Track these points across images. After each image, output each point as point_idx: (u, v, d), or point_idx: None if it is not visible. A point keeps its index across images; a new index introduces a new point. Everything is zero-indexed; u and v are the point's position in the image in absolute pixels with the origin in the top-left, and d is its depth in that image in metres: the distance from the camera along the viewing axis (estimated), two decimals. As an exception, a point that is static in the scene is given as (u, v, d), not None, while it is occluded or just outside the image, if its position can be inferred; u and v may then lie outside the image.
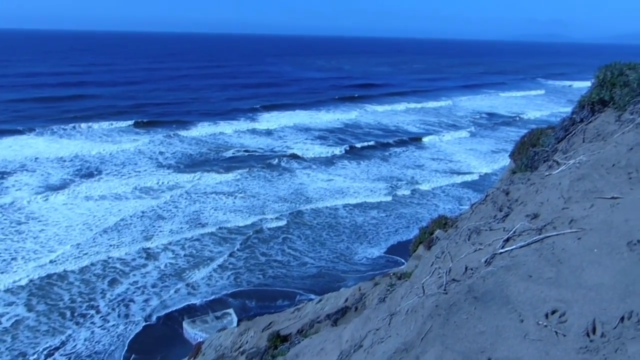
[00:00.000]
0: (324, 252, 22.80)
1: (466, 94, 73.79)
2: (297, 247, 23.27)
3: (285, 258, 22.23)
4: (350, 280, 20.43)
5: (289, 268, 21.43)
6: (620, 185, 3.51)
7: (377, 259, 22.46)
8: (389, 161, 36.33)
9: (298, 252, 22.82)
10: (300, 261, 21.98)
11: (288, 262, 21.93)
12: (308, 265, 21.71)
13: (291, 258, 22.23)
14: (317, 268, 21.55)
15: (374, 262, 22.21)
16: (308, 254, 22.64)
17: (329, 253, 22.77)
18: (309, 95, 65.87)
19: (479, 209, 4.99)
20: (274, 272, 21.03)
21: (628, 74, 5.81)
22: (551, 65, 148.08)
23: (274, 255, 22.44)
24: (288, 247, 23.17)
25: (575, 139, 5.99)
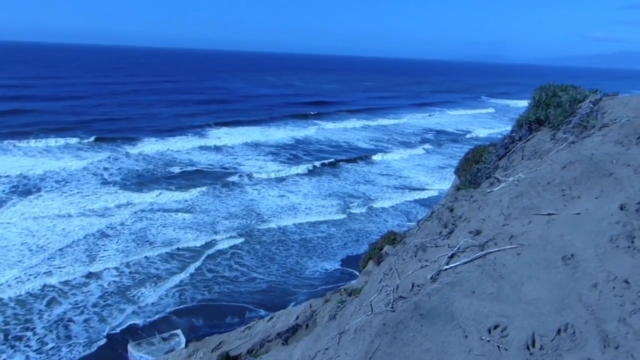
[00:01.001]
0: (273, 267, 22.63)
1: (416, 111, 75.86)
2: (245, 262, 22.97)
3: (233, 274, 21.87)
4: (301, 295, 20.32)
5: (237, 284, 21.09)
6: (555, 202, 3.67)
7: (328, 273, 22.48)
8: (339, 177, 36.67)
9: (246, 267, 22.53)
10: (248, 277, 21.71)
11: (236, 277, 21.59)
12: (257, 281, 21.45)
13: (239, 273, 21.91)
14: (266, 283, 21.32)
15: (326, 275, 22.22)
16: (257, 269, 22.39)
17: (279, 268, 22.61)
18: (260, 111, 65.70)
19: (425, 226, 5.09)
20: (220, 289, 20.63)
21: (560, 95, 6.16)
22: (496, 85, 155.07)
23: (222, 271, 22.05)
24: (236, 263, 22.84)
25: (515, 157, 6.25)
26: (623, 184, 3.68)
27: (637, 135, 4.35)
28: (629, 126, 4.54)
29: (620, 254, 3.12)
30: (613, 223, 3.32)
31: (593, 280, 3.00)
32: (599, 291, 2.93)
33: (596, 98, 5.95)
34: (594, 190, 3.69)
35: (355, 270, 20.82)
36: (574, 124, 5.48)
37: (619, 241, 3.19)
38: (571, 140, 5.18)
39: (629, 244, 3.17)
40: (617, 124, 4.70)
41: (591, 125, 5.19)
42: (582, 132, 5.26)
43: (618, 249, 3.14)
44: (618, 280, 2.96)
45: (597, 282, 2.98)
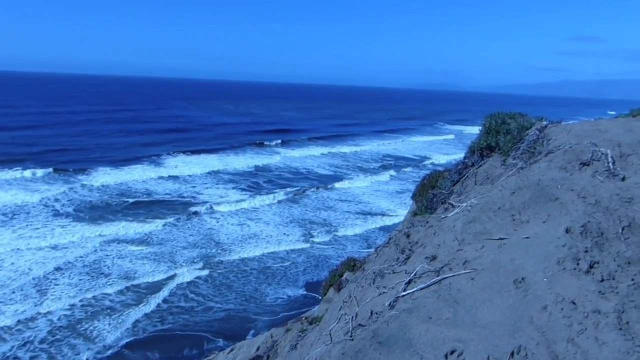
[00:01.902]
0: (231, 296, 22.16)
1: (375, 138, 77.18)
2: (202, 291, 22.40)
3: (189, 304, 21.25)
4: (261, 322, 19.92)
5: (193, 313, 20.51)
6: (506, 227, 3.79)
7: (291, 299, 22.17)
8: (301, 204, 36.60)
9: (202, 296, 21.95)
10: (205, 306, 21.15)
11: (192, 307, 20.98)
12: (214, 310, 20.92)
13: (195, 303, 21.29)
14: (224, 312, 20.83)
15: (289, 302, 21.89)
16: (214, 298, 21.85)
17: (237, 296, 22.17)
18: (219, 140, 65.17)
19: (383, 252, 5.13)
20: (175, 319, 19.97)
21: (509, 123, 6.43)
22: (451, 112, 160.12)
23: (177, 301, 21.39)
24: (192, 292, 22.23)
25: (468, 182, 6.44)
26: (568, 208, 3.85)
27: (579, 161, 4.59)
28: (571, 152, 4.77)
29: (567, 275, 3.24)
30: (560, 246, 3.45)
31: (543, 303, 3.09)
32: (549, 313, 3.02)
33: (542, 125, 6.25)
34: (541, 214, 3.84)
35: (318, 295, 20.72)
36: (522, 150, 5.71)
37: (566, 263, 3.31)
38: (520, 166, 5.39)
39: (575, 265, 3.30)
40: (561, 150, 4.94)
41: (538, 151, 5.43)
42: (530, 158, 5.49)
43: (565, 271, 3.26)
44: (566, 302, 3.07)
45: (546, 304, 3.07)
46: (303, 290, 23.14)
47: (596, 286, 3.13)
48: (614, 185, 4.18)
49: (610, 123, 5.74)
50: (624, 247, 3.50)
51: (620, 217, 3.75)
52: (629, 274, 3.26)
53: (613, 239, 3.58)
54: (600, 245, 3.50)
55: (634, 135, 4.98)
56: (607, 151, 4.65)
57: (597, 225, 3.66)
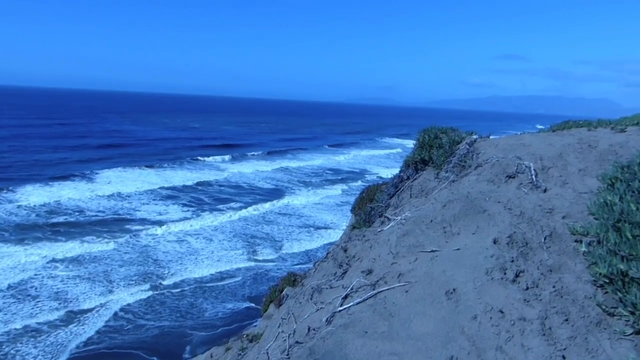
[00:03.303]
0: (165, 312, 21.46)
1: (319, 152, 77.74)
2: (133, 309, 21.52)
3: (119, 323, 20.34)
4: (197, 338, 19.41)
5: (123, 332, 19.64)
6: (438, 239, 3.90)
7: (234, 312, 21.77)
8: (243, 219, 36.09)
9: (132, 314, 21.08)
10: (136, 323, 20.33)
11: (122, 326, 20.09)
12: (147, 327, 20.15)
13: (124, 322, 20.43)
14: (157, 329, 20.10)
15: (230, 315, 21.47)
16: (145, 316, 21.05)
17: (171, 312, 21.49)
18: (157, 155, 63.21)
19: (321, 267, 5.13)
20: (105, 338, 19.04)
21: (441, 137, 6.66)
22: (391, 126, 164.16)
23: (108, 320, 20.44)
24: (123, 311, 21.32)
25: (404, 195, 6.59)
26: (495, 219, 4.01)
27: (505, 174, 4.81)
28: (498, 166, 5.00)
29: (495, 285, 3.35)
30: (488, 257, 3.58)
31: (473, 313, 3.18)
32: (479, 322, 3.11)
33: (472, 140, 6.52)
34: (470, 226, 3.98)
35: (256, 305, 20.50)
36: (454, 163, 5.92)
37: (494, 273, 3.44)
38: (452, 179, 5.58)
39: (502, 275, 3.43)
40: (489, 163, 5.16)
41: (468, 165, 5.65)
42: (461, 171, 5.70)
43: (493, 281, 3.38)
44: (494, 311, 3.17)
45: (476, 314, 3.16)
46: (247, 302, 22.80)
47: (521, 294, 3.26)
48: (537, 196, 4.41)
49: (532, 137, 6.08)
50: (546, 255, 3.68)
51: (543, 227, 3.95)
52: (551, 281, 3.42)
53: (536, 248, 3.76)
54: (525, 254, 3.67)
55: (554, 149, 5.30)
56: (530, 164, 4.91)
57: (522, 235, 3.84)
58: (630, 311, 3.03)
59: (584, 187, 4.64)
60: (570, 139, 5.67)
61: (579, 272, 3.52)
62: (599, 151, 5.19)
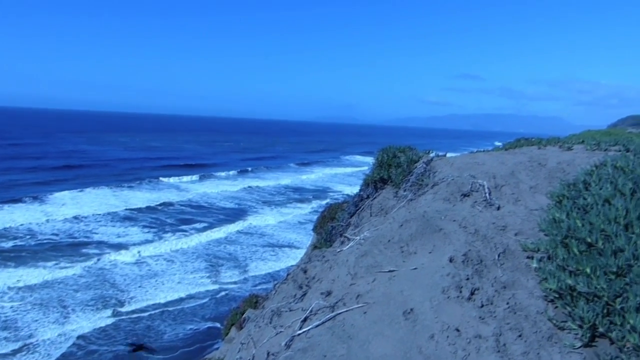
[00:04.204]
0: (120, 337, 20.74)
1: (281, 171, 77.56)
2: (86, 334, 20.73)
3: (69, 350, 19.51)
4: (152, 360, 18.90)
5: (71, 358, 18.88)
6: (395, 259, 3.93)
7: (195, 332, 21.25)
8: (205, 239, 35.44)
9: (83, 339, 20.28)
10: (87, 349, 19.57)
11: (71, 353, 19.28)
12: (100, 352, 19.41)
13: (75, 348, 19.60)
14: (111, 353, 19.39)
15: (191, 335, 20.93)
16: (97, 341, 20.29)
17: (126, 336, 20.79)
18: (115, 175, 61.48)
19: (282, 289, 5.08)
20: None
21: (399, 156, 6.78)
22: (357, 144, 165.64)
23: (59, 346, 19.60)
24: (75, 336, 20.50)
25: (364, 214, 6.64)
26: (451, 238, 4.08)
27: (460, 193, 4.92)
28: (454, 184, 5.12)
29: (452, 303, 3.40)
30: (444, 275, 3.63)
31: (430, 332, 3.21)
32: (436, 341, 3.14)
33: (428, 158, 6.66)
34: (427, 245, 4.03)
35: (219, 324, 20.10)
36: (412, 182, 6.02)
37: (450, 292, 3.48)
38: (410, 198, 5.66)
39: (458, 293, 3.48)
40: (445, 182, 5.28)
41: (425, 183, 5.75)
42: (419, 190, 5.80)
43: (449, 299, 3.43)
44: (451, 329, 3.21)
45: (433, 333, 3.19)
46: (209, 323, 22.31)
47: (477, 312, 3.32)
48: (491, 214, 4.53)
49: (486, 156, 6.26)
50: (500, 272, 3.76)
51: (497, 245, 4.05)
52: (505, 297, 3.50)
53: (491, 266, 3.84)
54: (480, 272, 3.74)
55: (506, 167, 5.47)
56: (484, 183, 5.04)
57: (476, 253, 3.92)
58: (578, 325, 3.13)
59: (535, 204, 4.79)
60: (522, 157, 5.87)
61: (531, 288, 3.61)
62: (548, 169, 5.39)
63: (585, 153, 5.85)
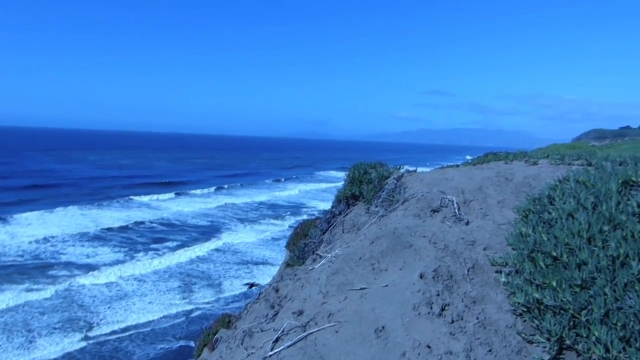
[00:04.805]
0: None
1: (255, 187, 77.09)
2: (51, 357, 20.03)
3: None
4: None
5: None
6: (367, 276, 3.93)
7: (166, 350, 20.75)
8: (177, 258, 34.83)
9: None
10: None
11: None
12: None
13: None
14: None
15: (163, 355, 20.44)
16: None
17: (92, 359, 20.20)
18: (86, 195, 60.02)
19: (253, 308, 5.01)
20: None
21: (370, 172, 6.83)
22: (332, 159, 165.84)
23: None
24: None
25: (337, 230, 6.63)
26: (421, 254, 4.11)
27: (430, 208, 4.98)
28: (423, 200, 5.18)
29: (422, 320, 3.41)
30: (415, 292, 3.64)
31: (402, 349, 3.20)
32: (407, 359, 3.13)
33: (399, 174, 6.73)
34: (398, 262, 4.05)
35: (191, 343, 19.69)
36: (383, 198, 6.06)
37: (421, 308, 3.50)
38: (381, 214, 5.70)
39: (429, 310, 3.49)
40: (415, 198, 5.34)
41: (396, 199, 5.80)
42: (390, 206, 5.84)
43: (420, 316, 3.44)
44: (422, 346, 3.21)
45: (405, 351, 3.19)
46: (181, 342, 21.85)
47: (447, 328, 3.33)
48: (460, 229, 4.59)
49: (455, 172, 6.37)
50: (470, 287, 3.80)
51: (466, 260, 4.09)
52: (475, 312, 3.53)
53: (461, 281, 3.88)
54: (450, 287, 3.77)
55: (474, 183, 5.57)
56: (453, 198, 5.12)
57: (446, 268, 3.96)
58: (546, 338, 3.18)
59: (502, 218, 4.88)
60: (489, 172, 5.99)
61: (500, 302, 3.66)
62: (515, 184, 5.51)
63: (550, 167, 6.00)
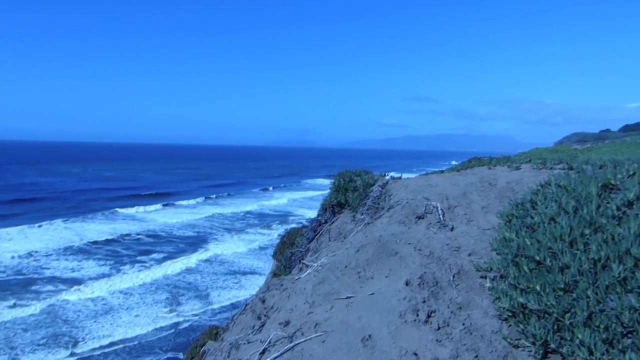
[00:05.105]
0: None
1: (242, 197, 76.72)
2: None
3: None
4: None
5: None
6: (353, 285, 3.92)
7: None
8: (165, 270, 34.45)
9: None
10: None
11: None
12: None
13: None
14: None
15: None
16: None
17: None
18: (70, 208, 59.22)
19: (240, 320, 4.97)
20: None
21: (355, 180, 6.84)
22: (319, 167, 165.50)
23: None
24: None
25: (323, 239, 6.63)
26: (407, 261, 4.12)
27: (415, 215, 5.00)
28: (408, 207, 5.20)
29: (409, 328, 3.41)
30: (401, 299, 3.64)
31: (389, 358, 3.19)
32: (394, 367, 3.13)
33: (384, 182, 6.75)
34: (383, 269, 4.06)
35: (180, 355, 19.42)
36: (368, 206, 6.07)
37: (407, 316, 3.50)
38: (367, 222, 5.70)
39: (415, 317, 3.49)
40: (400, 205, 5.35)
41: (381, 207, 5.82)
42: (375, 213, 5.85)
43: (406, 323, 3.43)
44: (409, 354, 3.21)
45: (392, 359, 3.18)
46: (170, 354, 21.57)
47: (434, 335, 3.34)
48: (445, 235, 4.61)
49: (439, 178, 6.41)
50: (455, 293, 3.82)
51: (451, 266, 4.11)
52: (461, 318, 3.54)
53: (446, 287, 3.89)
54: (435, 294, 3.78)
55: (458, 189, 5.61)
56: (437, 204, 5.15)
57: (432, 275, 3.97)
58: (531, 342, 3.19)
59: (487, 223, 4.92)
60: (473, 177, 6.04)
61: (485, 308, 3.67)
62: (498, 189, 5.56)
63: (532, 172, 6.07)
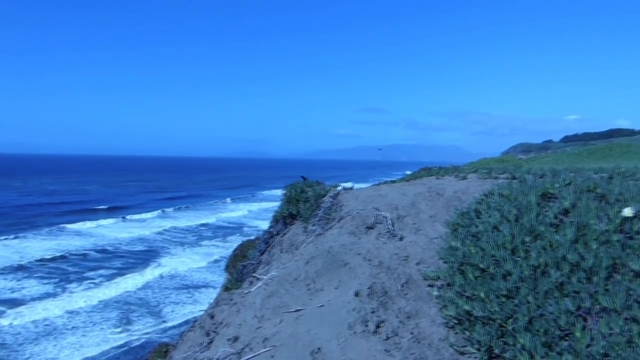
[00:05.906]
0: None
1: (197, 210, 75.18)
2: None
3: None
4: None
5: None
6: (302, 297, 3.89)
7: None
8: (113, 286, 33.19)
9: None
10: None
11: None
12: None
13: None
14: None
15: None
16: None
17: None
18: (7, 225, 56.01)
19: (188, 337, 4.82)
20: None
21: (307, 191, 6.83)
22: (274, 178, 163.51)
23: None
24: None
25: (275, 251, 6.56)
26: (356, 272, 4.13)
27: (365, 225, 5.04)
28: (359, 218, 5.24)
29: (358, 339, 3.40)
30: (350, 310, 3.64)
31: (338, 370, 3.17)
32: (343, 380, 3.11)
33: (335, 192, 6.78)
34: (333, 281, 4.05)
35: None
36: (320, 217, 6.07)
37: (356, 327, 3.49)
38: (318, 233, 5.69)
39: (364, 328, 3.49)
40: (350, 216, 5.39)
41: (332, 217, 5.83)
42: (327, 224, 5.85)
43: (356, 334, 3.43)
44: (358, 366, 3.20)
45: (341, 371, 3.16)
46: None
47: (382, 345, 3.35)
48: (394, 245, 4.66)
49: (389, 188, 6.50)
50: (404, 302, 3.85)
51: (400, 275, 4.15)
52: (409, 327, 3.57)
53: (395, 297, 3.92)
54: (384, 304, 3.80)
55: (407, 199, 5.71)
56: (387, 215, 5.21)
57: (381, 285, 3.99)
58: (476, 348, 3.26)
59: (434, 232, 5.01)
60: (422, 187, 6.16)
61: (433, 316, 3.73)
62: (445, 198, 5.69)
63: (478, 182, 6.25)
